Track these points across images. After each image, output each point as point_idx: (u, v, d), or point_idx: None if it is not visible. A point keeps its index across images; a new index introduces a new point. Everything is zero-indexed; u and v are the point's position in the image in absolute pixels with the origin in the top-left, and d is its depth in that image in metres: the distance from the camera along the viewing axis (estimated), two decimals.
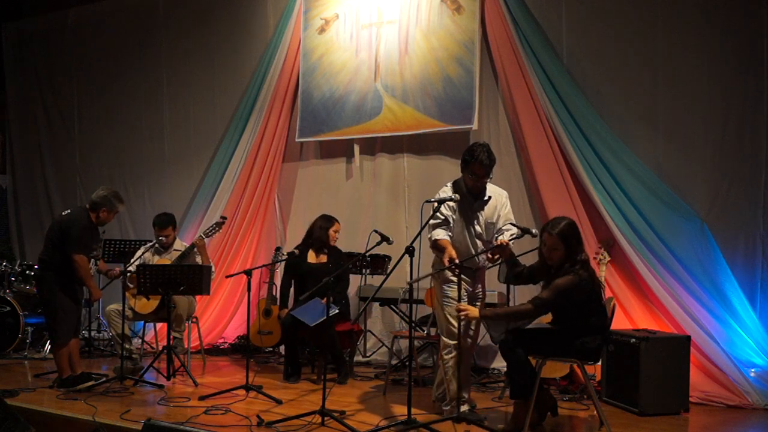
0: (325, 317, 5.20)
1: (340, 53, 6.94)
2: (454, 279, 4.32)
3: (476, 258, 4.55)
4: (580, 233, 4.17)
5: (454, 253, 4.31)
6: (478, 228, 4.55)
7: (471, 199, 4.55)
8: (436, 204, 4.43)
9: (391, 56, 6.66)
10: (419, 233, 4.34)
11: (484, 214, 4.56)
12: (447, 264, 4.27)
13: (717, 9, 5.37)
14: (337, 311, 5.14)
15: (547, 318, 5.58)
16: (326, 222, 6.02)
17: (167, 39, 8.13)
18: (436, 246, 4.44)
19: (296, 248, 5.99)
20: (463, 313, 4.12)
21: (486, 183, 4.53)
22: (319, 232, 5.97)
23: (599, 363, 4.75)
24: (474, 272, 4.57)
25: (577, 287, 3.97)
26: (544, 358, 4.15)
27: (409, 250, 4.17)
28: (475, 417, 4.42)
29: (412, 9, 6.59)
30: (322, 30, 7.05)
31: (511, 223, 4.61)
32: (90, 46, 8.67)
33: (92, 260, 5.58)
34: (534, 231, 4.45)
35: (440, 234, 4.45)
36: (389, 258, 6.28)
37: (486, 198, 4.55)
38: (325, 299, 5.48)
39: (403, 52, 6.61)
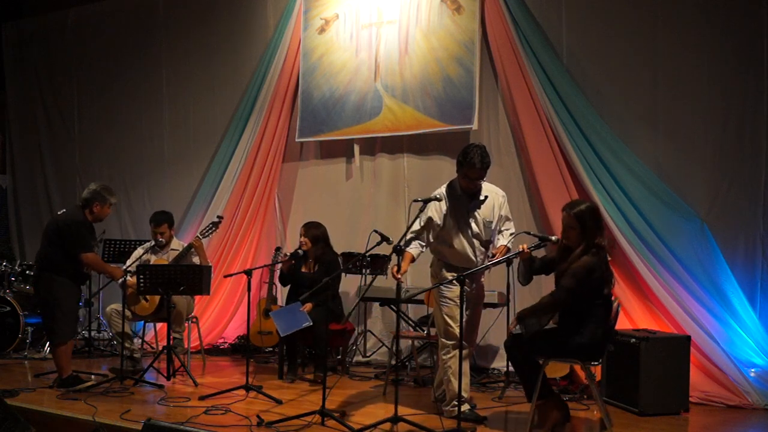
0: (298, 329, 5.30)
1: (340, 53, 6.94)
2: (453, 281, 4.30)
3: (475, 260, 4.55)
4: (600, 219, 4.12)
5: (402, 269, 4.35)
6: (474, 228, 4.55)
7: (466, 199, 4.55)
8: (422, 203, 4.44)
9: (391, 56, 6.66)
10: (406, 233, 4.42)
11: (482, 214, 4.56)
12: (394, 273, 4.32)
13: (717, 9, 5.37)
14: (310, 324, 5.26)
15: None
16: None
17: (167, 39, 8.13)
18: (398, 252, 4.36)
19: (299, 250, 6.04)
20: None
21: (480, 185, 4.54)
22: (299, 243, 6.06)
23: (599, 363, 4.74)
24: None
25: (596, 269, 3.95)
26: (546, 358, 4.13)
27: (397, 249, 4.22)
28: (474, 417, 4.42)
29: (412, 9, 6.58)
30: (322, 30, 7.05)
31: (525, 232, 4.75)
32: (90, 46, 8.67)
33: None
34: (554, 238, 4.44)
35: (410, 248, 4.52)
36: (389, 258, 6.27)
37: (482, 198, 4.55)
38: (305, 306, 5.50)
39: (403, 52, 6.60)
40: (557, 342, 4.09)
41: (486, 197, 4.57)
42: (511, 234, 4.65)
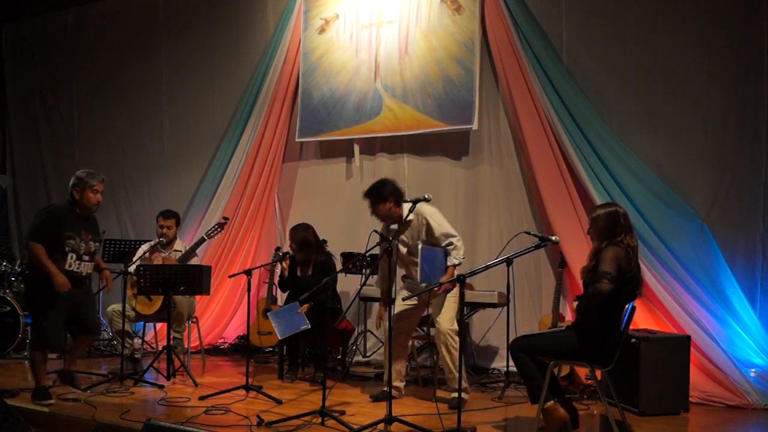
0: (297, 331, 5.33)
1: (340, 53, 6.94)
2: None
3: (415, 275, 4.85)
4: (624, 224, 4.04)
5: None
6: (403, 249, 4.94)
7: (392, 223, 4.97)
8: (411, 204, 4.65)
9: (391, 56, 6.66)
10: (397, 233, 4.55)
11: (406, 236, 4.92)
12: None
13: (717, 9, 5.37)
14: (308, 327, 5.29)
15: (547, 321, 5.58)
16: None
17: (167, 39, 8.13)
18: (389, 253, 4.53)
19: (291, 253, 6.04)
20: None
21: (382, 213, 4.91)
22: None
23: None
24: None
25: (623, 257, 3.91)
26: (552, 360, 4.08)
27: (387, 251, 4.30)
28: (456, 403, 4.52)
29: (412, 9, 6.58)
30: (322, 30, 7.05)
31: (525, 232, 4.96)
32: (90, 46, 8.67)
33: (72, 254, 4.88)
34: (554, 238, 4.44)
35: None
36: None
37: (404, 221, 4.85)
38: (304, 307, 5.49)
39: (403, 52, 6.60)
40: (566, 344, 4.05)
41: (410, 220, 4.87)
42: (456, 251, 4.84)
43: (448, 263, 4.83)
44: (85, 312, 5.06)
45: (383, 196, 4.88)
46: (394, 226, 4.92)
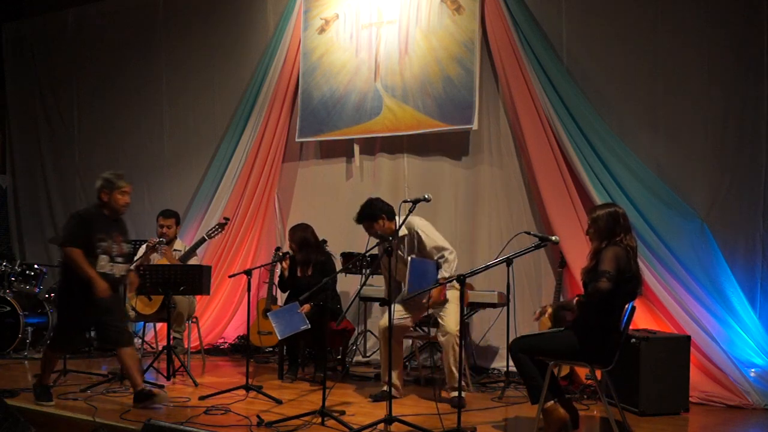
0: (297, 331, 5.29)
1: (340, 53, 6.94)
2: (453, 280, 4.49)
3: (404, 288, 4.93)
4: (623, 224, 4.04)
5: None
6: (400, 263, 4.97)
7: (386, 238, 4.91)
8: (411, 204, 4.63)
9: (391, 56, 6.66)
10: (397, 230, 4.57)
11: (401, 250, 4.99)
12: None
13: (717, 9, 5.37)
14: (308, 327, 5.26)
15: (547, 321, 5.58)
16: None
17: (167, 39, 8.13)
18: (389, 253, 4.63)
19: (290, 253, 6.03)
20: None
21: (376, 232, 4.94)
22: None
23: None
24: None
25: (622, 257, 3.91)
26: (552, 360, 4.08)
27: (388, 250, 4.33)
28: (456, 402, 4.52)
29: (412, 9, 6.58)
30: (322, 30, 7.05)
31: (525, 232, 4.97)
32: (90, 46, 8.67)
33: (104, 256, 4.77)
34: (554, 238, 4.44)
35: None
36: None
37: (397, 236, 4.87)
38: (304, 307, 5.48)
39: (403, 52, 6.60)
40: (566, 344, 4.04)
41: (404, 235, 4.94)
42: (448, 264, 4.92)
43: (438, 276, 4.87)
44: (110, 321, 4.82)
45: (375, 215, 4.96)
46: None
